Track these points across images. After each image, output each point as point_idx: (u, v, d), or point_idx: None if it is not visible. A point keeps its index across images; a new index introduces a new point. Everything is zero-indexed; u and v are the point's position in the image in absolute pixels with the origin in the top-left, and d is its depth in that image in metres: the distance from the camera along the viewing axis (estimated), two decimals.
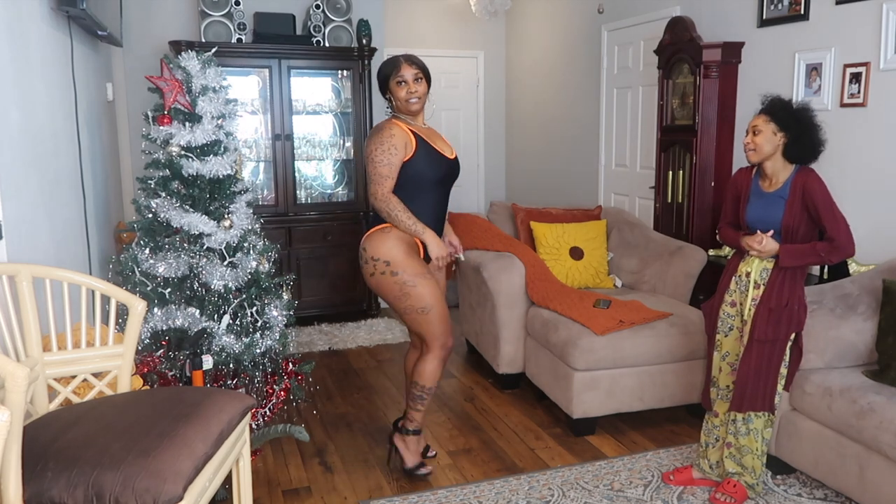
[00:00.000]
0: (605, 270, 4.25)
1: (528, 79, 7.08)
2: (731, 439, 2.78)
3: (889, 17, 3.42)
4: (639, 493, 2.88)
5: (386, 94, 2.88)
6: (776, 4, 4.06)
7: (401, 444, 3.03)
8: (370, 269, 2.86)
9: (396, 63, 2.82)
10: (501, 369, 3.94)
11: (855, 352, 2.90)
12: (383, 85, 2.86)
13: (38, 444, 1.81)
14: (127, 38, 4.86)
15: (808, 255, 2.62)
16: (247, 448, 2.30)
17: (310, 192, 5.57)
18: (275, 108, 5.19)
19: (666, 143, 4.62)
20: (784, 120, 2.62)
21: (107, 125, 4.39)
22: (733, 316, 2.84)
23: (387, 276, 2.82)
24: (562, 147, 6.53)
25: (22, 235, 2.40)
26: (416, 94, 2.81)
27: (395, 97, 2.84)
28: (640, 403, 3.45)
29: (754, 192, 2.77)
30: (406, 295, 2.83)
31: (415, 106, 2.83)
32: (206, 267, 2.77)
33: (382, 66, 2.88)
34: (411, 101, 2.81)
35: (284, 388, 2.96)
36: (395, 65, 2.82)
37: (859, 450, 2.59)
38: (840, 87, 3.70)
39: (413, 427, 3.02)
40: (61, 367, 2.24)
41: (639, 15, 5.27)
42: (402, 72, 2.80)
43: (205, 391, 2.21)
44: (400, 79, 2.81)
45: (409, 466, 3.02)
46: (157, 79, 2.77)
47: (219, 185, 2.84)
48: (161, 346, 2.73)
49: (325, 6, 5.29)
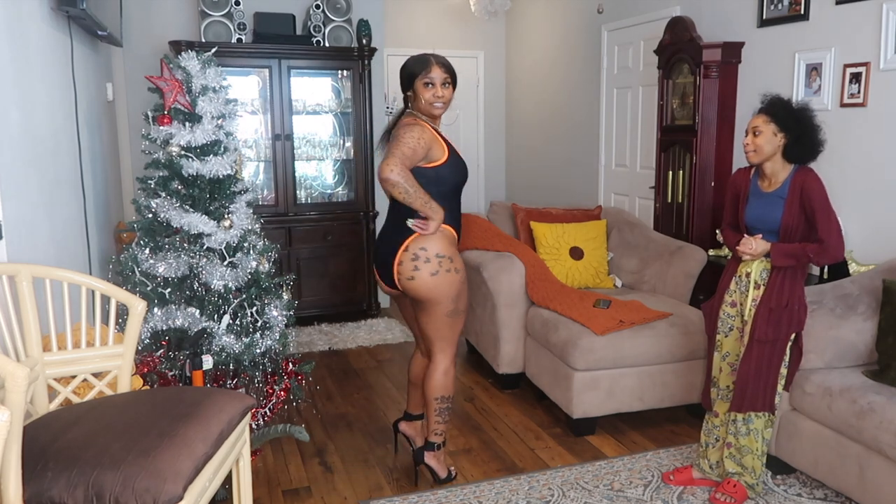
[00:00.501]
0: (605, 270, 4.25)
1: (528, 79, 7.08)
2: (732, 439, 2.78)
3: (889, 17, 3.42)
4: (639, 493, 2.88)
5: (408, 90, 2.73)
6: (776, 4, 4.06)
7: (432, 462, 2.94)
8: (433, 267, 2.70)
9: (427, 62, 2.68)
10: (501, 369, 3.94)
11: (855, 352, 2.90)
12: (407, 81, 2.72)
13: (38, 444, 1.81)
14: (127, 38, 4.86)
15: (799, 255, 2.63)
16: (247, 448, 2.30)
17: (310, 192, 5.57)
18: (275, 108, 5.19)
19: (666, 143, 4.62)
20: (784, 120, 2.62)
21: (107, 125, 4.39)
22: (733, 316, 2.84)
23: (451, 274, 2.73)
24: (562, 147, 6.53)
25: (22, 235, 2.40)
26: (442, 99, 2.69)
27: (419, 97, 2.70)
28: (640, 403, 3.45)
29: (753, 193, 2.77)
30: (460, 295, 2.78)
31: (438, 111, 2.72)
32: (206, 267, 2.77)
33: (411, 62, 2.72)
34: (436, 105, 2.70)
35: (284, 388, 2.96)
36: (425, 64, 2.68)
37: (859, 450, 2.59)
38: (840, 87, 3.70)
39: (441, 440, 2.96)
40: (61, 367, 2.24)
41: (639, 15, 5.28)
42: (432, 73, 2.67)
43: (205, 391, 2.21)
44: (429, 80, 2.67)
45: (443, 478, 2.96)
46: (157, 79, 2.77)
47: (219, 185, 2.84)
48: (161, 346, 2.73)
49: (325, 6, 5.29)
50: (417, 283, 2.71)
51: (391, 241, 2.76)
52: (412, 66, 2.71)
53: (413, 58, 2.74)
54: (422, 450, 2.96)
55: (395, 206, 2.74)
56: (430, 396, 2.88)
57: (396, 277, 2.75)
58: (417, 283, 2.71)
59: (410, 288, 2.74)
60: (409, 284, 2.73)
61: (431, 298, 2.74)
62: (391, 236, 2.78)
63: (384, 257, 2.79)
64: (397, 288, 2.81)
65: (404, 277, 2.73)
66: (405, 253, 2.71)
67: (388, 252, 2.76)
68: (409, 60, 2.74)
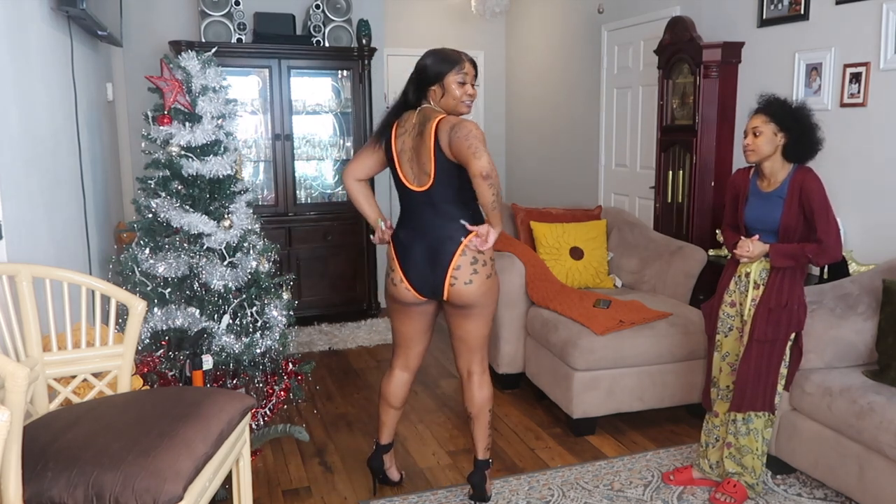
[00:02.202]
0: (605, 270, 4.25)
1: (528, 79, 7.08)
2: (731, 439, 2.78)
3: (889, 17, 3.42)
4: (639, 493, 2.88)
5: (433, 85, 2.53)
6: (776, 4, 4.06)
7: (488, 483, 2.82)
8: (488, 270, 2.57)
9: (461, 59, 2.53)
10: (501, 369, 3.94)
11: (855, 352, 2.90)
12: (436, 77, 2.51)
13: (38, 444, 1.81)
14: (127, 38, 4.86)
15: (798, 255, 2.62)
16: (247, 448, 2.30)
17: (310, 192, 5.57)
18: (275, 108, 5.19)
19: (666, 143, 4.62)
20: (783, 120, 2.62)
21: (107, 125, 4.39)
22: (733, 316, 2.84)
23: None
24: (562, 147, 6.53)
25: (22, 235, 2.40)
26: (472, 97, 2.56)
27: (449, 93, 2.51)
28: (640, 403, 3.45)
29: (753, 193, 2.77)
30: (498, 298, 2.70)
31: (467, 109, 2.57)
32: (206, 267, 2.77)
33: (441, 56, 2.53)
34: (466, 103, 2.55)
35: (284, 388, 2.96)
36: (458, 60, 2.52)
37: (859, 450, 2.59)
38: (840, 87, 3.70)
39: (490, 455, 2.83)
40: (61, 367, 2.24)
41: (639, 15, 5.27)
42: (466, 70, 2.52)
43: (205, 391, 2.21)
44: (463, 78, 2.52)
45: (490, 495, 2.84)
46: (157, 79, 2.77)
47: (219, 185, 2.84)
48: (161, 346, 2.73)
49: (325, 6, 5.29)
50: (475, 287, 2.53)
51: (440, 243, 2.53)
52: (442, 63, 2.52)
53: (442, 52, 2.56)
54: (481, 471, 2.78)
55: (434, 205, 2.54)
56: (482, 410, 2.73)
57: (448, 282, 2.53)
58: (475, 287, 2.53)
59: (465, 293, 2.54)
60: (464, 290, 2.53)
61: (484, 303, 2.59)
62: (438, 237, 2.54)
63: (431, 260, 2.55)
64: (437, 296, 2.59)
65: (461, 282, 2.52)
66: (463, 256, 2.52)
67: (437, 255, 2.53)
68: (439, 55, 2.54)
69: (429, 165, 2.49)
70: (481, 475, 2.78)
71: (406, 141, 2.56)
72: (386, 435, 2.89)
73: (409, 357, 2.80)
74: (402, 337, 2.78)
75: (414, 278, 2.58)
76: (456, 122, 2.46)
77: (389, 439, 2.90)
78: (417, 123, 2.54)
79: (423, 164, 2.51)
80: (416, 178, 2.55)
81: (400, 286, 2.62)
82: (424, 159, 2.50)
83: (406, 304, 2.66)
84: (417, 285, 2.59)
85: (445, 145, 2.45)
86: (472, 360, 2.71)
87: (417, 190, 2.55)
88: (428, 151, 2.48)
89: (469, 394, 2.74)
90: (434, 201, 2.54)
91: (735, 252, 2.72)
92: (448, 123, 2.46)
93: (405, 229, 2.62)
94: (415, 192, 2.56)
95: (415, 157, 2.54)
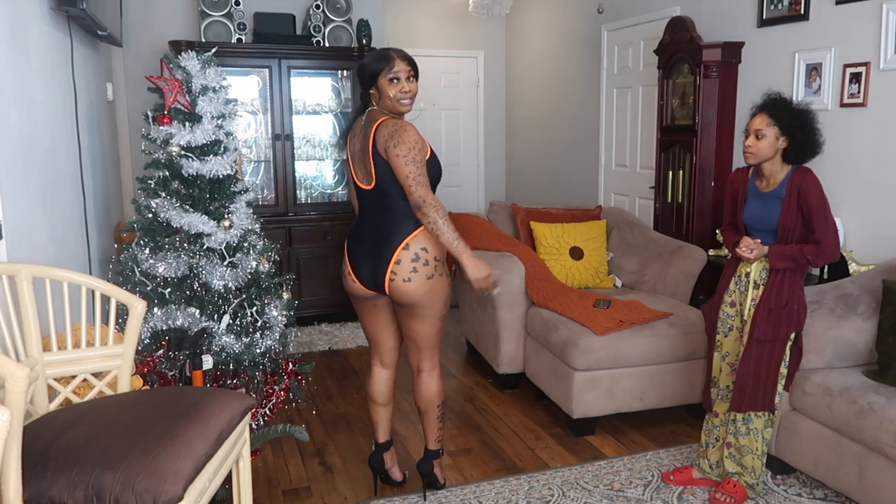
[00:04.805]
0: (605, 270, 4.25)
1: (528, 79, 7.08)
2: (731, 439, 2.78)
3: (889, 17, 3.42)
4: (639, 493, 2.88)
5: (370, 88, 2.58)
6: (776, 4, 4.06)
7: (438, 470, 2.90)
8: (430, 270, 2.57)
9: (388, 57, 2.54)
10: (501, 369, 3.94)
11: (855, 352, 2.90)
12: (370, 79, 2.56)
13: (38, 444, 1.81)
14: (127, 38, 4.86)
15: (796, 257, 2.62)
16: (247, 448, 2.30)
17: (310, 192, 5.57)
18: (275, 108, 5.19)
19: (666, 143, 4.62)
20: (788, 125, 2.59)
21: (107, 125, 4.39)
22: (733, 316, 2.84)
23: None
24: (562, 147, 6.53)
25: (22, 235, 2.40)
26: (409, 94, 2.55)
27: (384, 94, 2.54)
28: (640, 403, 3.45)
29: (751, 193, 2.76)
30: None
31: (406, 107, 2.57)
32: (206, 267, 2.77)
33: (370, 59, 2.57)
34: (403, 102, 2.55)
35: (284, 388, 2.96)
36: (387, 59, 2.53)
37: (859, 450, 2.59)
38: (840, 87, 3.70)
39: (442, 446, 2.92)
40: (61, 367, 2.24)
41: (639, 15, 5.28)
42: (396, 68, 2.52)
43: (205, 391, 2.21)
44: (393, 75, 2.52)
45: (442, 483, 2.94)
46: (157, 79, 2.77)
47: (219, 185, 2.84)
48: (161, 346, 2.73)
49: (325, 6, 5.29)
50: (413, 286, 2.55)
51: (386, 236, 2.58)
52: (372, 64, 2.55)
53: (372, 54, 2.61)
54: (430, 461, 2.86)
55: (381, 201, 2.59)
56: (430, 405, 2.79)
57: (389, 277, 2.56)
58: (413, 286, 2.55)
59: (404, 291, 2.56)
60: (402, 287, 2.55)
61: (426, 304, 2.60)
62: (384, 230, 2.59)
63: (376, 254, 2.59)
64: (378, 290, 2.63)
65: (400, 278, 2.54)
66: (405, 251, 2.55)
67: (382, 248, 2.58)
68: (369, 58, 2.59)
69: (370, 167, 2.56)
70: (429, 463, 2.87)
71: (356, 143, 2.64)
72: (382, 433, 2.91)
73: (383, 353, 2.86)
74: (368, 332, 2.86)
75: (360, 271, 2.65)
76: (393, 131, 2.49)
77: (386, 437, 2.92)
78: (364, 126, 2.61)
79: (366, 166, 2.58)
80: (365, 178, 2.62)
81: (348, 279, 2.70)
82: (367, 161, 2.57)
83: (358, 297, 2.73)
84: (363, 278, 2.65)
85: (382, 151, 2.51)
86: (421, 357, 2.76)
87: (366, 188, 2.62)
88: (367, 156, 2.56)
89: (417, 389, 2.80)
90: (381, 198, 2.60)
91: (737, 251, 2.72)
92: (386, 129, 2.51)
93: (358, 224, 2.70)
94: (364, 189, 2.63)
95: (362, 159, 2.61)
